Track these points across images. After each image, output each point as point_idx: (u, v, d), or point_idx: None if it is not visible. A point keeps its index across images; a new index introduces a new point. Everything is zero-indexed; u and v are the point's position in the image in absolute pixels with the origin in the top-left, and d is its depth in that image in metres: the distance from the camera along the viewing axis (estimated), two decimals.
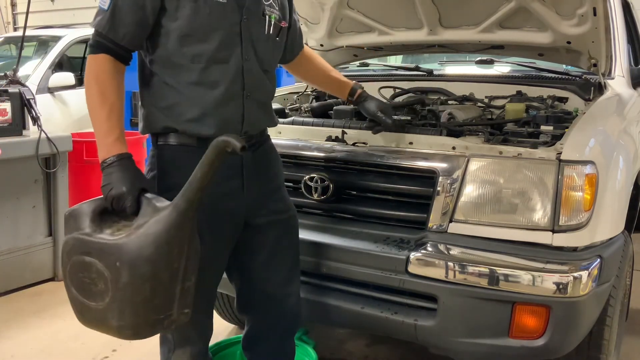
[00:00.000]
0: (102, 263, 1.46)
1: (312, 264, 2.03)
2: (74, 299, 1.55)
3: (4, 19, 12.25)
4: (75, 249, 1.52)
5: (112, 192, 1.54)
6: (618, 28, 2.73)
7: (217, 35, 1.64)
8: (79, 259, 1.50)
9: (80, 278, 1.51)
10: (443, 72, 3.24)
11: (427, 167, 1.98)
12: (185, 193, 1.48)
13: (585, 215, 1.82)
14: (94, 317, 1.53)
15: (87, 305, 1.52)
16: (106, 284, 1.46)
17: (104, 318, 1.50)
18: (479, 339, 1.82)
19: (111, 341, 2.91)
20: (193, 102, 1.65)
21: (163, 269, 1.46)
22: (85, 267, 1.49)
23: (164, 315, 1.50)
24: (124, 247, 1.45)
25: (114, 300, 1.46)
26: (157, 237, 1.45)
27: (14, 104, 3.39)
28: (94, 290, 1.49)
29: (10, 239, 3.45)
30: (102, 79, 1.59)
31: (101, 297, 1.48)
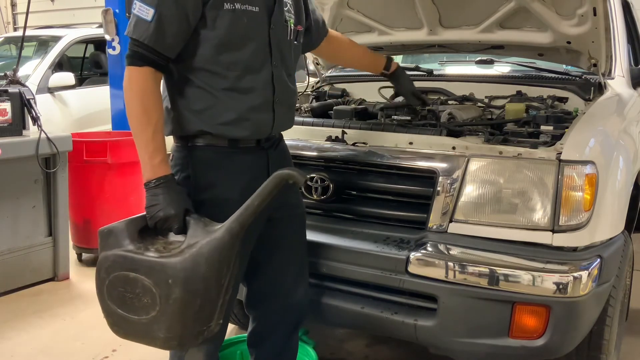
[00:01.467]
0: (151, 280, 1.54)
1: (312, 264, 2.03)
2: (112, 313, 1.61)
3: (4, 19, 12.25)
4: (118, 265, 1.58)
5: (161, 214, 1.59)
6: (618, 28, 2.73)
7: (251, 44, 1.68)
8: (123, 275, 1.57)
9: (122, 293, 1.57)
10: (443, 72, 3.24)
11: (427, 167, 1.98)
12: (239, 217, 1.56)
13: (585, 215, 1.82)
14: (135, 329, 1.60)
15: (128, 318, 1.59)
16: (153, 299, 1.54)
17: (149, 330, 1.58)
18: (479, 339, 1.82)
19: (111, 341, 2.90)
20: (228, 107, 1.68)
21: (213, 286, 1.56)
22: (128, 282, 1.56)
23: (206, 326, 1.59)
24: (178, 266, 1.53)
25: (163, 314, 1.54)
26: (210, 256, 1.53)
27: (14, 104, 3.39)
28: (138, 305, 1.56)
29: (10, 239, 3.45)
30: (147, 94, 1.60)
31: (146, 311, 1.56)
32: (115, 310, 1.60)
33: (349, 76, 3.29)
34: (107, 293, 1.60)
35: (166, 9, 1.58)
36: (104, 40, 5.01)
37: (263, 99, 1.72)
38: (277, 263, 1.92)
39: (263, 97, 1.72)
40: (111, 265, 1.59)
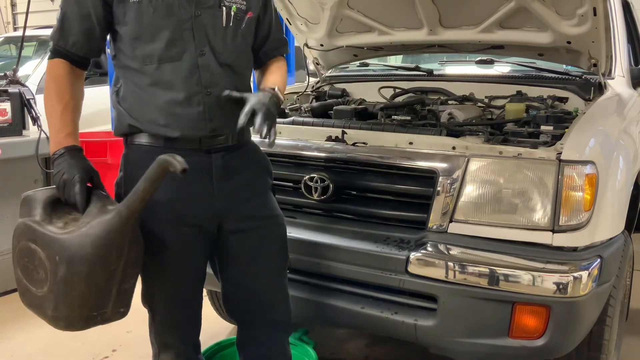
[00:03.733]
0: (45, 253, 1.52)
1: (312, 264, 2.03)
2: (19, 280, 1.63)
3: (4, 19, 12.25)
4: (24, 234, 1.58)
5: (64, 177, 1.57)
6: (618, 28, 2.73)
7: (164, 33, 1.64)
8: (26, 245, 1.57)
9: (25, 262, 1.58)
10: (443, 72, 3.24)
11: (427, 167, 1.98)
12: (128, 202, 1.51)
13: (585, 215, 1.82)
14: (33, 301, 1.59)
15: (29, 289, 1.59)
16: (46, 274, 1.52)
17: (41, 305, 1.56)
18: (479, 339, 1.82)
19: (111, 341, 2.91)
20: (152, 103, 1.65)
21: (99, 270, 1.50)
22: (30, 253, 1.56)
23: (98, 312, 1.55)
24: (65, 243, 1.49)
25: (50, 291, 1.52)
26: (96, 238, 1.48)
27: (14, 104, 3.39)
28: (36, 277, 1.55)
29: (10, 239, 3.43)
30: (59, 80, 1.65)
31: (41, 285, 1.54)
32: (21, 279, 1.61)
33: (349, 76, 3.29)
34: (16, 260, 1.61)
35: (70, 9, 1.64)
36: None
37: (187, 91, 1.64)
38: (243, 276, 1.83)
39: (187, 90, 1.64)
40: (20, 234, 1.59)
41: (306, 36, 3.08)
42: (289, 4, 2.88)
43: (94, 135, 4.43)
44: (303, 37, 3.10)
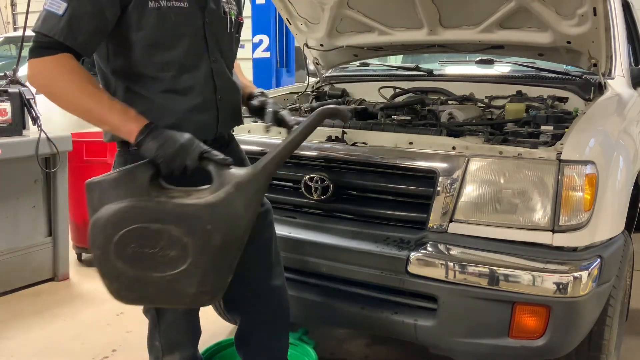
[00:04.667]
0: (182, 229, 1.39)
1: (312, 264, 2.03)
2: (121, 276, 1.41)
3: (4, 19, 12.25)
4: (133, 218, 1.39)
5: (182, 142, 1.47)
6: (618, 28, 2.73)
7: (184, 41, 1.61)
8: (140, 228, 1.39)
9: (136, 250, 1.39)
10: (443, 72, 3.25)
11: (427, 167, 1.98)
12: (276, 157, 1.47)
13: (585, 215, 1.82)
14: (154, 290, 1.44)
15: (145, 278, 1.41)
16: (184, 251, 1.39)
17: (175, 288, 1.42)
18: (479, 339, 1.82)
19: (111, 341, 2.91)
20: (166, 110, 1.60)
21: (248, 230, 1.43)
22: (149, 236, 1.39)
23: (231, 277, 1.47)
24: (217, 208, 1.39)
25: (196, 266, 1.40)
26: (250, 198, 1.41)
27: (14, 104, 3.38)
28: (162, 260, 1.40)
29: (10, 239, 3.45)
30: (80, 71, 1.49)
31: (174, 265, 1.40)
32: (126, 271, 1.40)
33: (349, 76, 3.29)
34: (115, 253, 1.39)
35: (78, 5, 1.47)
36: None
37: (203, 97, 1.64)
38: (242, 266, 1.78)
39: (203, 96, 1.64)
40: (122, 219, 1.39)
41: (306, 36, 3.08)
42: (289, 4, 2.88)
43: (94, 135, 4.43)
44: (303, 37, 3.10)
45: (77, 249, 4.04)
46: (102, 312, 3.26)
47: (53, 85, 1.50)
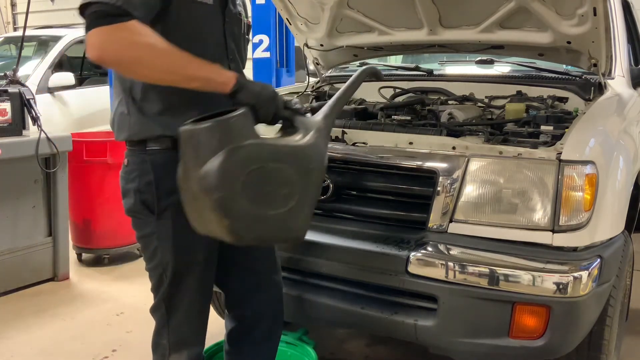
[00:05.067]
0: (293, 168, 1.50)
1: (312, 264, 2.03)
2: (244, 215, 1.46)
3: (4, 19, 12.25)
4: (256, 157, 1.46)
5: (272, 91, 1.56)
6: (618, 28, 2.73)
7: (210, 37, 1.64)
8: (262, 167, 1.47)
9: (259, 188, 1.46)
10: (443, 72, 3.24)
11: (427, 167, 1.98)
12: (333, 110, 1.66)
13: (585, 215, 1.82)
14: (270, 227, 1.52)
15: (263, 217, 1.48)
16: (293, 189, 1.50)
17: (284, 225, 1.52)
18: (479, 339, 1.82)
19: (111, 341, 2.91)
20: (190, 106, 1.60)
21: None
22: (270, 174, 1.48)
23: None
24: (316, 149, 1.55)
25: (301, 204, 1.52)
26: (326, 141, 1.62)
27: (14, 104, 3.39)
28: (275, 198, 1.49)
29: (10, 239, 3.45)
30: (155, 36, 1.45)
31: (284, 203, 1.50)
32: (249, 211, 1.46)
33: (349, 76, 3.28)
34: (241, 192, 1.43)
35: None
36: None
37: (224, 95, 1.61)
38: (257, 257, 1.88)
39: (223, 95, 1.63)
40: (248, 158, 1.44)
41: (306, 36, 3.08)
42: (289, 4, 2.88)
43: (94, 135, 4.43)
44: (303, 37, 3.10)
45: (77, 249, 4.04)
46: (102, 312, 3.26)
47: (133, 51, 1.44)
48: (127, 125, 1.65)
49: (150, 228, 1.68)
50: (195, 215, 1.51)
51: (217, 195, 1.42)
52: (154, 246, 1.70)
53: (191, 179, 1.45)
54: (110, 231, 3.93)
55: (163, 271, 1.71)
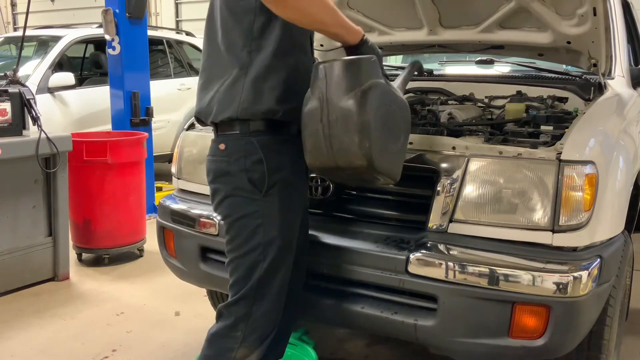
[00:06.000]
0: (402, 115, 1.77)
1: (312, 264, 2.03)
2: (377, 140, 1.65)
3: (4, 19, 12.26)
4: (388, 95, 1.71)
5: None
6: (618, 28, 2.73)
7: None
8: (390, 105, 1.71)
9: (385, 122, 1.68)
10: (443, 72, 3.25)
11: (427, 167, 1.98)
12: (401, 87, 1.99)
13: (585, 215, 1.82)
14: (388, 160, 1.71)
15: (385, 149, 1.69)
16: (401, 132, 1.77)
17: (395, 162, 1.76)
18: (479, 339, 1.82)
19: (111, 341, 2.91)
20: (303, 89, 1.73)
21: None
22: (392, 113, 1.72)
23: None
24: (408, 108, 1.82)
25: (403, 147, 1.79)
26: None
27: (14, 104, 3.39)
28: (393, 136, 1.73)
29: (10, 239, 3.45)
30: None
31: (397, 143, 1.75)
32: (379, 139, 1.65)
33: None
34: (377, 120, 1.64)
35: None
36: (104, 40, 5.02)
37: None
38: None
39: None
40: (385, 93, 1.69)
41: None
42: None
43: (94, 135, 4.43)
44: None
45: (77, 249, 4.04)
46: (102, 312, 3.27)
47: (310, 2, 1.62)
48: (237, 101, 1.72)
49: (254, 206, 1.75)
50: (324, 144, 1.65)
51: (364, 118, 1.61)
52: (255, 225, 1.76)
53: (333, 106, 1.62)
54: (110, 231, 3.94)
55: (263, 250, 1.76)
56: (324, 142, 1.64)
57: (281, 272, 1.81)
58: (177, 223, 2.39)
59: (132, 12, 4.77)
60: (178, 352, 2.80)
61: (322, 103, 1.63)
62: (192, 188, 2.48)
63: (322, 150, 1.66)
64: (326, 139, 1.64)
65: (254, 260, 1.77)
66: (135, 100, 4.90)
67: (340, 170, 1.69)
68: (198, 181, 2.43)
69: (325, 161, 1.67)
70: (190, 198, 2.45)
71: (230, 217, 1.79)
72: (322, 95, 1.63)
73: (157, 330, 3.03)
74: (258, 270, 1.77)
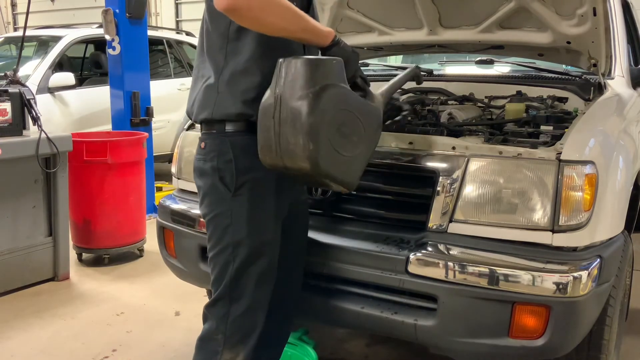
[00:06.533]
0: (365, 123, 1.73)
1: (312, 264, 2.03)
2: (323, 145, 1.62)
3: (4, 19, 12.26)
4: (344, 102, 1.68)
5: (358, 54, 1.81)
6: (618, 28, 2.73)
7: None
8: (347, 111, 1.69)
9: (339, 128, 1.66)
10: (443, 72, 3.24)
11: (427, 167, 1.98)
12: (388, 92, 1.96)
13: (585, 215, 1.82)
14: (336, 165, 1.68)
15: (334, 154, 1.66)
16: (360, 140, 1.72)
17: (347, 169, 1.71)
18: (479, 339, 1.82)
19: (111, 341, 2.91)
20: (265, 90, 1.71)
21: None
22: (350, 120, 1.70)
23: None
24: (379, 115, 1.82)
25: (359, 156, 1.74)
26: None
27: (14, 104, 3.39)
28: (348, 142, 1.69)
29: (10, 239, 3.45)
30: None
31: (352, 148, 1.71)
32: (329, 144, 1.63)
33: None
34: (327, 125, 1.62)
35: None
36: (104, 40, 5.02)
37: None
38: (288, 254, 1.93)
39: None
40: (341, 98, 1.66)
41: None
42: None
43: (94, 135, 4.43)
44: None
45: (77, 248, 4.04)
46: (102, 312, 3.27)
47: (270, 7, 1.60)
48: (212, 103, 1.74)
49: (225, 205, 1.75)
50: (273, 142, 1.63)
51: (312, 119, 1.59)
52: (226, 224, 1.75)
53: (285, 104, 1.61)
54: (110, 231, 3.94)
55: (233, 251, 1.75)
56: (274, 139, 1.62)
57: (254, 273, 1.77)
58: (177, 223, 2.39)
59: (132, 12, 4.77)
60: (178, 352, 2.80)
61: (277, 100, 1.61)
62: (192, 188, 2.48)
63: (271, 147, 1.63)
64: (276, 137, 1.61)
65: (225, 260, 1.76)
66: (135, 100, 4.90)
67: (288, 170, 1.66)
68: None
69: (274, 159, 1.65)
70: (190, 198, 2.45)
71: (208, 215, 1.80)
72: (278, 91, 1.62)
73: (157, 330, 3.03)
74: (229, 270, 1.76)
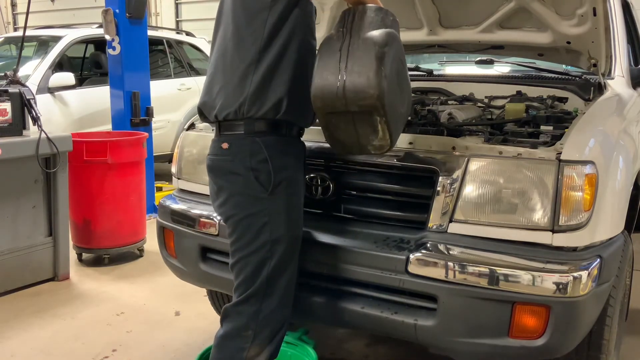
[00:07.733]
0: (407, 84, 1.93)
1: (312, 264, 2.03)
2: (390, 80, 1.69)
3: (4, 19, 12.27)
4: (403, 53, 1.82)
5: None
6: (618, 28, 2.73)
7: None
8: (402, 65, 1.83)
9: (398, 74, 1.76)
10: (443, 72, 3.25)
11: (427, 167, 1.98)
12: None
13: (585, 215, 1.82)
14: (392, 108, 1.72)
15: (396, 97, 1.73)
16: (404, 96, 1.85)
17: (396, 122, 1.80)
18: (479, 339, 1.82)
19: (111, 341, 2.91)
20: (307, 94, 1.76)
21: None
22: (402, 72, 1.83)
23: None
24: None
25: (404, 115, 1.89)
26: None
27: (14, 104, 3.39)
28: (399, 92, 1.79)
29: (10, 239, 3.45)
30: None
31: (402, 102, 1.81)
32: (391, 78, 1.68)
33: None
34: (391, 61, 1.68)
35: None
36: (104, 40, 5.02)
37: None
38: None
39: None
40: (400, 49, 1.76)
41: None
42: None
43: (94, 135, 4.43)
44: None
45: (77, 248, 4.04)
46: (102, 312, 3.27)
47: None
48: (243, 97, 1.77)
49: (261, 205, 1.78)
50: (337, 76, 1.65)
51: (384, 49, 1.65)
52: (262, 222, 1.78)
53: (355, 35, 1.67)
54: (110, 231, 3.94)
55: (270, 248, 1.78)
56: (339, 71, 1.65)
57: (289, 269, 1.85)
58: (177, 223, 2.39)
59: (132, 12, 4.77)
60: (178, 352, 2.80)
61: (345, 34, 1.67)
62: (192, 188, 2.48)
63: (332, 85, 1.66)
64: (341, 68, 1.65)
65: (261, 258, 1.78)
66: (135, 100, 4.90)
67: (341, 115, 1.69)
68: (198, 181, 2.44)
69: (332, 98, 1.66)
70: (190, 198, 2.45)
71: (236, 216, 1.80)
72: (347, 29, 1.68)
73: (157, 330, 3.03)
74: (266, 267, 1.79)
